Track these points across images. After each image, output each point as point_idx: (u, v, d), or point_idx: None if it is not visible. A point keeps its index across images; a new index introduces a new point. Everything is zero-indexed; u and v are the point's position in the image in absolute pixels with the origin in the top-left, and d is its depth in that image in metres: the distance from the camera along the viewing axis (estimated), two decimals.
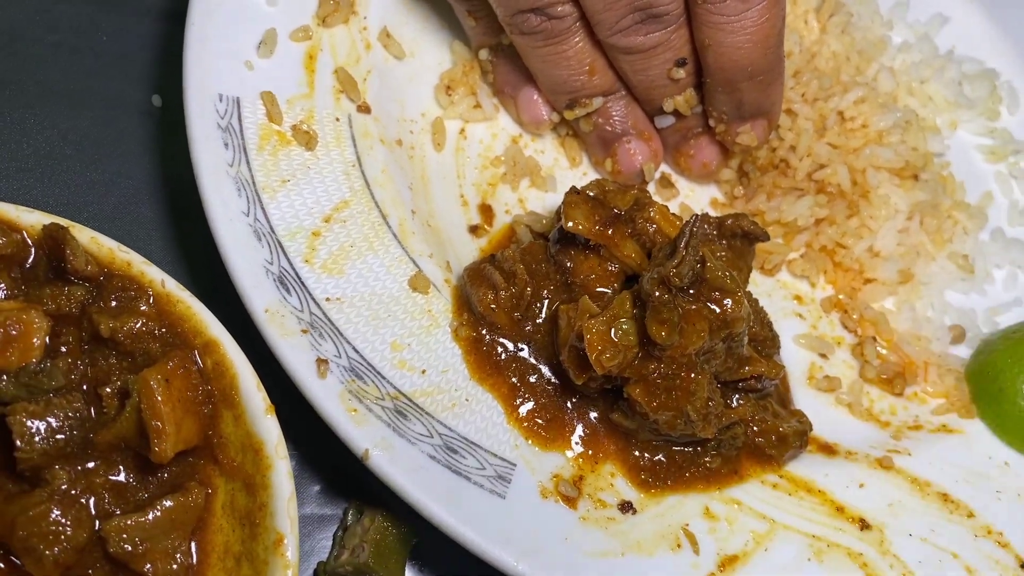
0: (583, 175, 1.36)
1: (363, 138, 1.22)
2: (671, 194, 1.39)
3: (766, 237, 1.24)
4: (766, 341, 1.20)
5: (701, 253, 1.07)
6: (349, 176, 1.18)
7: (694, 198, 1.40)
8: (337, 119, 1.22)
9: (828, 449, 1.21)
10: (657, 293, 1.03)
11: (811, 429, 1.19)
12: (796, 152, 1.36)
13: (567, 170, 1.36)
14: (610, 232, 1.11)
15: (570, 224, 1.11)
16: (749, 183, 1.40)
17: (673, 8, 1.18)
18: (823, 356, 1.31)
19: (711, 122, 1.31)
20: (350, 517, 1.10)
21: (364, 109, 1.24)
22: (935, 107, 1.53)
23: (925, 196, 1.38)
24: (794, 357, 1.29)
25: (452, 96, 1.33)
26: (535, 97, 1.32)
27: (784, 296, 1.35)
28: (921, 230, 1.39)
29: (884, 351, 1.32)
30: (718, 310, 1.08)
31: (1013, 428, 1.24)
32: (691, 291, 1.07)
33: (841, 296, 1.35)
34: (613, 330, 1.05)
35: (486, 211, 1.29)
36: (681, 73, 1.24)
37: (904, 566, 1.12)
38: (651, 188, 1.39)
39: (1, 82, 1.25)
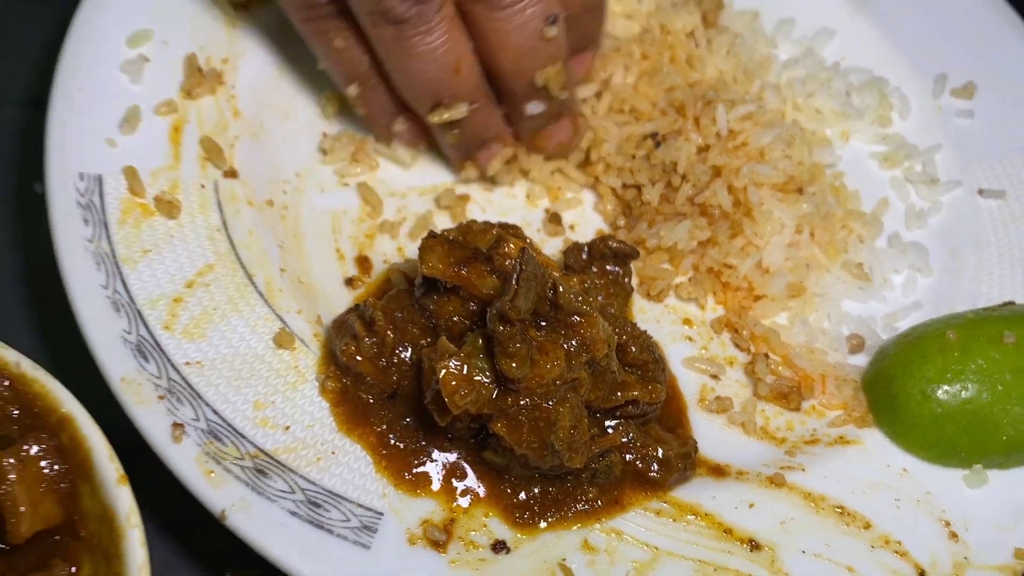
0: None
1: (230, 202, 1.24)
2: (557, 230, 1.39)
3: (635, 253, 1.23)
4: (648, 365, 1.19)
5: (552, 280, 1.07)
6: (214, 240, 1.20)
7: (580, 231, 1.40)
8: (203, 186, 1.24)
9: (718, 471, 1.19)
10: (502, 328, 1.02)
11: (696, 451, 1.17)
12: (676, 174, 1.36)
13: (445, 214, 1.37)
14: (466, 272, 1.11)
15: (425, 268, 1.12)
16: (631, 212, 1.40)
17: None
18: (715, 377, 1.29)
19: None
20: None
21: (231, 174, 1.26)
22: (824, 119, 1.53)
23: (811, 208, 1.37)
24: (684, 380, 1.28)
25: (330, 154, 1.35)
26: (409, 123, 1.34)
27: (673, 320, 1.34)
28: (812, 243, 1.38)
29: (778, 367, 1.29)
30: (576, 336, 1.07)
31: (909, 433, 1.21)
32: (543, 322, 1.07)
33: (731, 316, 1.34)
34: (467, 368, 1.04)
35: (363, 263, 1.30)
36: (553, 31, 1.21)
37: None
38: (538, 224, 1.39)
39: None
